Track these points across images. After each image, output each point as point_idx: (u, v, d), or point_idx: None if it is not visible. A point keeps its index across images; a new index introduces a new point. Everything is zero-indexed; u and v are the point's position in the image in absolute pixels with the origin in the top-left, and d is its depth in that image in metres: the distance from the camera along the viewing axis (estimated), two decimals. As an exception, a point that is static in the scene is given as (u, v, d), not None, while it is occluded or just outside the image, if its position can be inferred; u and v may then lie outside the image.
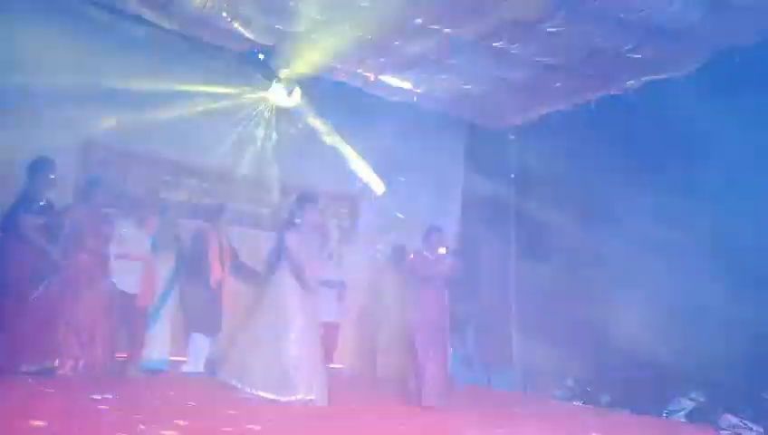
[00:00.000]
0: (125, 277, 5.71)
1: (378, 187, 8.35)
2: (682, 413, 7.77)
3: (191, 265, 6.32)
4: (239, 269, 6.61)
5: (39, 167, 5.23)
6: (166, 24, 6.13)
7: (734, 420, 6.91)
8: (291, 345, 4.91)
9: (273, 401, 4.73)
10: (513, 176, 8.21)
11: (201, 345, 6.39)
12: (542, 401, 7.40)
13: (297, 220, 5.14)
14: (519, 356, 8.25)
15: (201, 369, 6.35)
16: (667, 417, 7.58)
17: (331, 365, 6.46)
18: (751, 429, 6.72)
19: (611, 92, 6.65)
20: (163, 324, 6.15)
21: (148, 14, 5.98)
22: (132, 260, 5.76)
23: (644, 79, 6.32)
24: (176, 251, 6.17)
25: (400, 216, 8.49)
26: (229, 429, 3.79)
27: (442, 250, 6.65)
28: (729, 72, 5.77)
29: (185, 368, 6.35)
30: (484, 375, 7.50)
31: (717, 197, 8.75)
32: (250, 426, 3.89)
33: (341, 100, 7.92)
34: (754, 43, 5.45)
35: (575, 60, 6.06)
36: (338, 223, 5.44)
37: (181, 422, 3.69)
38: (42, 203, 5.15)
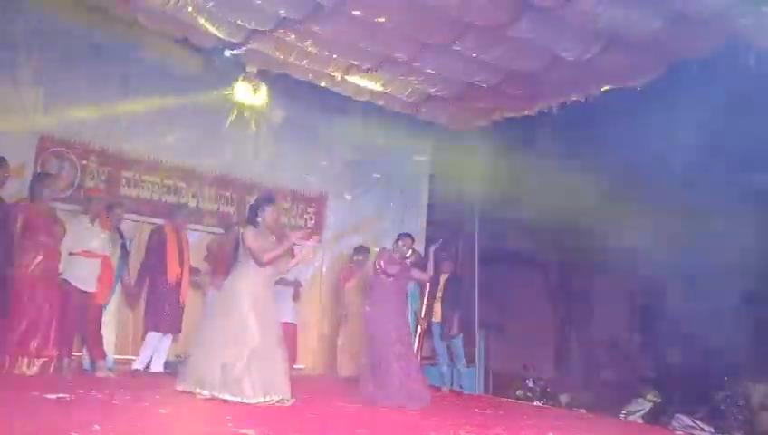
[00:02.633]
0: (82, 275, 5.62)
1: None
2: (639, 414, 7.94)
3: (149, 263, 6.25)
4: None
5: None
6: (128, 18, 6.03)
7: (687, 420, 7.10)
8: (254, 346, 4.89)
9: (237, 403, 4.70)
10: (478, 178, 8.30)
11: (163, 344, 6.32)
12: (503, 402, 7.48)
13: (258, 219, 5.12)
14: (481, 357, 8.35)
15: (161, 368, 6.28)
16: (624, 417, 7.73)
17: (293, 366, 6.44)
18: (703, 429, 6.91)
19: (573, 99, 6.77)
20: (110, 323, 6.06)
21: (110, 8, 5.87)
22: (90, 258, 5.67)
23: (605, 87, 6.44)
24: (120, 248, 6.07)
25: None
26: (185, 431, 3.77)
27: (409, 253, 6.71)
28: (687, 82, 5.93)
29: (148, 367, 6.27)
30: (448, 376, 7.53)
31: (675, 201, 9.00)
32: (204, 428, 3.86)
33: (308, 98, 7.90)
34: (712, 54, 5.60)
35: (538, 66, 6.15)
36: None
37: (138, 424, 3.65)
38: None
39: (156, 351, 6.27)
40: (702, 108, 6.34)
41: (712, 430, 6.81)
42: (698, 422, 7.09)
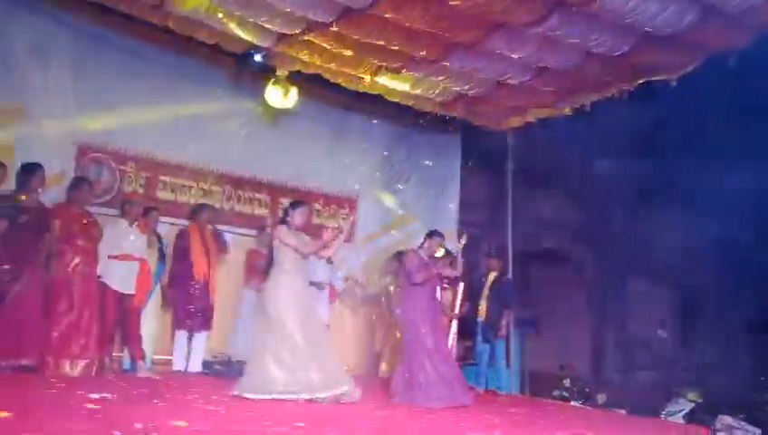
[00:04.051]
0: (120, 278, 5.77)
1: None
2: (680, 414, 7.76)
3: (176, 264, 6.35)
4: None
5: (27, 171, 5.31)
6: (161, 25, 6.16)
7: (731, 421, 6.91)
8: (299, 347, 4.96)
9: (298, 401, 4.77)
10: (510, 177, 8.23)
11: (198, 343, 6.43)
12: (540, 402, 7.39)
13: (288, 219, 5.27)
14: (517, 357, 8.26)
15: (199, 368, 6.40)
16: (664, 417, 7.57)
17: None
18: (747, 430, 6.72)
19: (606, 96, 6.67)
20: (147, 323, 6.17)
21: (141, 15, 6.01)
22: (128, 261, 5.81)
23: (638, 82, 6.32)
24: (158, 250, 6.20)
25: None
26: (232, 429, 3.82)
27: (439, 252, 6.71)
28: (722, 75, 5.80)
29: (185, 366, 6.39)
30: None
31: (716, 196, 8.79)
32: (243, 426, 3.91)
33: (338, 100, 7.97)
34: (747, 47, 5.46)
35: (569, 63, 6.08)
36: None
37: (181, 423, 3.72)
38: (21, 200, 5.19)
39: (193, 350, 6.39)
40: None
41: (758, 432, 6.61)
42: (743, 423, 6.90)
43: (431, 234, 6.03)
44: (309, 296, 5.28)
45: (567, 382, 9.00)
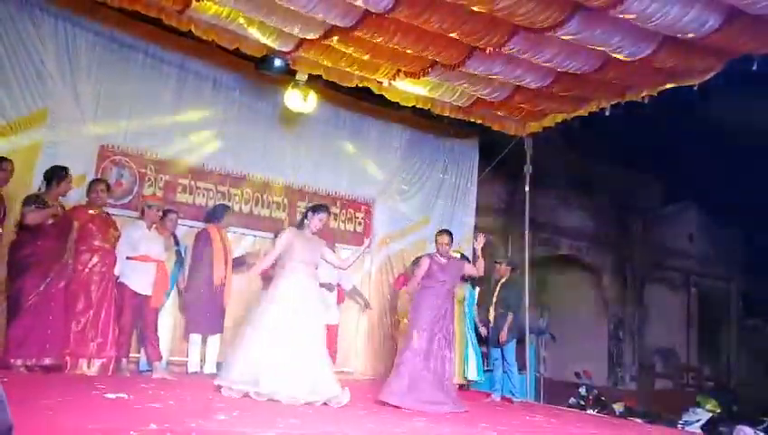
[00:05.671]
0: (138, 279, 5.81)
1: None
2: (697, 424, 7.67)
3: (195, 265, 6.37)
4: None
5: (53, 174, 5.38)
6: (182, 30, 6.22)
7: (750, 432, 6.81)
8: (301, 347, 4.98)
9: (290, 403, 4.78)
10: (527, 182, 8.19)
11: (213, 345, 6.46)
12: (555, 410, 7.34)
13: (306, 223, 5.37)
14: (532, 363, 8.20)
15: (213, 369, 6.42)
16: (682, 427, 7.49)
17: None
18: (766, 441, 6.63)
19: (626, 100, 6.62)
20: (164, 325, 6.21)
21: (163, 20, 6.07)
22: (147, 262, 5.85)
23: (659, 87, 6.27)
24: (175, 252, 6.24)
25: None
26: (246, 430, 3.84)
27: (455, 253, 6.70)
28: (745, 80, 5.73)
29: (200, 368, 6.42)
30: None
31: (743, 204, 8.69)
32: (254, 428, 3.93)
33: (357, 104, 7.99)
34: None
35: (590, 68, 6.03)
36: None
37: (193, 424, 3.73)
38: (46, 203, 5.25)
39: (207, 352, 6.42)
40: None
41: (776, 443, 6.51)
42: (761, 433, 6.80)
43: (438, 233, 6.07)
44: (310, 299, 5.25)
45: (582, 390, 8.93)
